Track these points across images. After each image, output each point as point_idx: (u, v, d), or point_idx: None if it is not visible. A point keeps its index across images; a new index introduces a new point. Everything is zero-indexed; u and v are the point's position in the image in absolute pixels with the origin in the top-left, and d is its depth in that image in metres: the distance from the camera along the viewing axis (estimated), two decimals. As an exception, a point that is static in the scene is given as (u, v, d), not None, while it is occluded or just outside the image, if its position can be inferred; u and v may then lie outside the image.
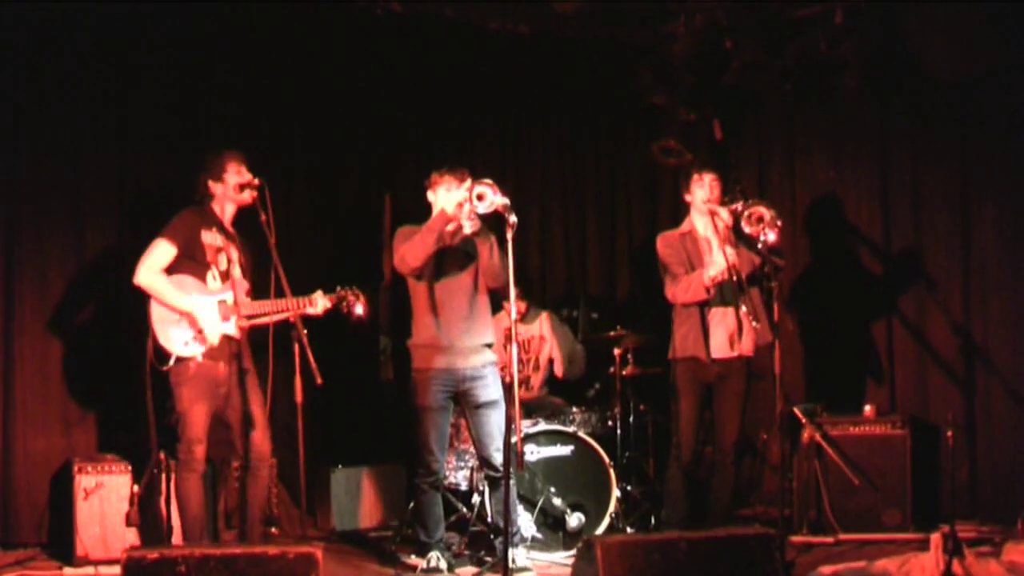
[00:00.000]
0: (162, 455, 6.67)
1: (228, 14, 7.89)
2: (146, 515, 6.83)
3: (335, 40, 8.34)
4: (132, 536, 6.83)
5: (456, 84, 8.80)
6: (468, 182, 6.47)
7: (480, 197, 6.27)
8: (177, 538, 6.60)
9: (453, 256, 6.71)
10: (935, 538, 6.25)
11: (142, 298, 6.42)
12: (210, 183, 6.56)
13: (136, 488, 6.85)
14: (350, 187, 8.63)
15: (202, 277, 6.44)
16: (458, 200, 6.46)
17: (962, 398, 7.95)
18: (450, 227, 6.54)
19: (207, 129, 7.97)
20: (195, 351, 6.34)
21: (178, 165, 7.80)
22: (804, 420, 7.56)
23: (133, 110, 7.75)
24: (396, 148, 8.70)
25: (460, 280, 6.72)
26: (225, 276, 6.53)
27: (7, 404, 7.34)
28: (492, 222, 6.44)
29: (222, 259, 6.53)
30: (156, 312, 6.33)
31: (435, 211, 6.63)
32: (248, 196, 6.52)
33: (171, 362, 6.30)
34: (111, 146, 7.72)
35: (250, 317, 6.53)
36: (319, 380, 6.12)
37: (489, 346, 6.79)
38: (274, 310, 6.50)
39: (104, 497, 6.98)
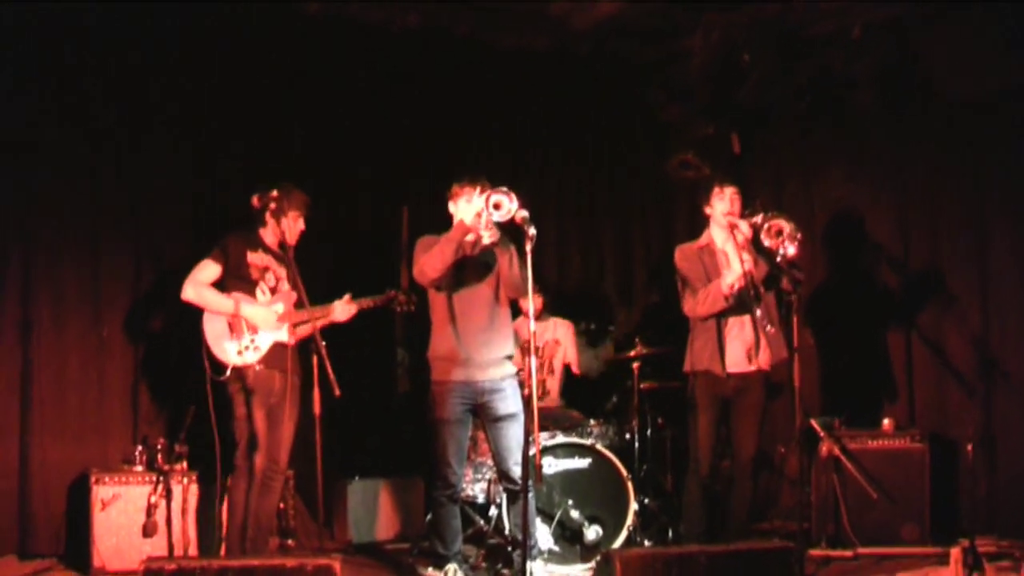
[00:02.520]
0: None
1: (249, 26, 7.93)
2: (206, 523, 7.04)
3: (353, 54, 8.37)
4: (149, 547, 6.84)
5: (472, 98, 8.83)
6: (486, 191, 6.45)
7: (497, 206, 6.23)
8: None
9: (473, 267, 6.67)
10: (955, 553, 6.23)
11: (166, 310, 6.90)
12: (267, 215, 6.78)
13: (153, 499, 6.90)
14: (367, 199, 8.66)
15: (251, 293, 6.74)
16: (476, 210, 6.42)
17: (981, 412, 7.92)
18: (469, 238, 6.51)
19: (223, 143, 8.02)
20: (249, 359, 6.60)
21: (192, 180, 7.90)
22: (822, 434, 7.54)
23: (147, 123, 7.79)
24: (413, 161, 8.71)
25: (480, 291, 6.67)
26: (274, 291, 6.82)
27: (24, 415, 7.35)
28: (511, 234, 6.44)
29: (269, 276, 6.81)
30: (209, 327, 6.62)
31: (455, 222, 6.63)
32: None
33: (228, 372, 6.56)
34: (126, 161, 7.73)
35: (298, 324, 6.74)
36: (337, 392, 6.14)
37: (509, 358, 6.74)
38: (322, 315, 6.76)
39: (121, 508, 6.97)
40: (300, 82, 8.22)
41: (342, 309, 6.90)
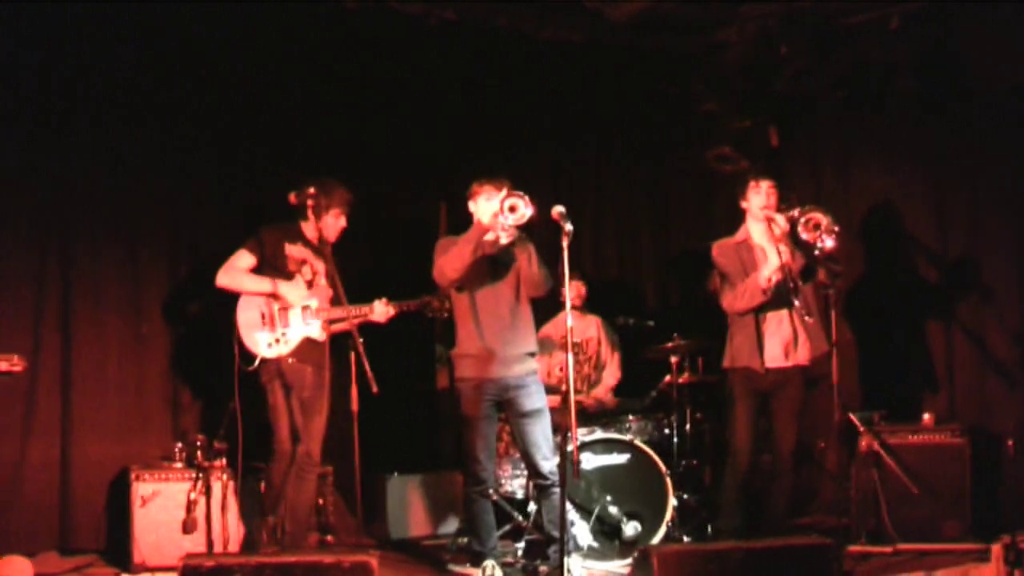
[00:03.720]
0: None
1: (286, 25, 7.91)
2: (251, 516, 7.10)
3: (390, 49, 8.35)
4: (188, 543, 6.88)
5: (510, 93, 8.82)
6: (503, 192, 6.46)
7: (512, 208, 6.30)
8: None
9: (493, 267, 6.68)
10: (996, 549, 6.20)
11: (204, 307, 7.04)
12: (308, 211, 6.77)
13: (192, 496, 6.94)
14: (406, 197, 8.66)
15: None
16: (494, 210, 6.45)
17: (1022, 406, 7.85)
18: (488, 237, 6.51)
19: (261, 140, 8.03)
20: (279, 352, 6.66)
21: (231, 178, 7.94)
22: (862, 428, 7.48)
23: (185, 123, 7.81)
24: (451, 158, 8.69)
25: (500, 290, 6.68)
26: (310, 285, 6.86)
27: (65, 412, 7.40)
28: (549, 230, 6.42)
29: (306, 270, 6.86)
30: (242, 317, 6.70)
31: (475, 221, 6.63)
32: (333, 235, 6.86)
33: (256, 363, 6.61)
34: (164, 160, 7.76)
35: (333, 321, 6.81)
36: (375, 389, 6.14)
37: (532, 355, 6.75)
38: (356, 314, 6.73)
39: (161, 504, 7.00)
40: (337, 78, 8.23)
41: (381, 310, 6.92)
